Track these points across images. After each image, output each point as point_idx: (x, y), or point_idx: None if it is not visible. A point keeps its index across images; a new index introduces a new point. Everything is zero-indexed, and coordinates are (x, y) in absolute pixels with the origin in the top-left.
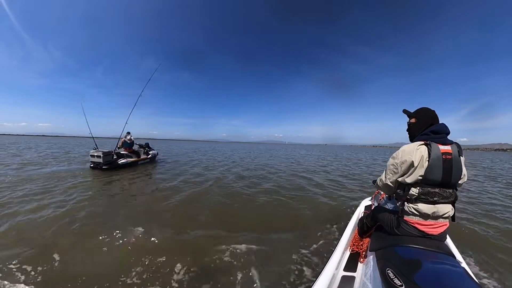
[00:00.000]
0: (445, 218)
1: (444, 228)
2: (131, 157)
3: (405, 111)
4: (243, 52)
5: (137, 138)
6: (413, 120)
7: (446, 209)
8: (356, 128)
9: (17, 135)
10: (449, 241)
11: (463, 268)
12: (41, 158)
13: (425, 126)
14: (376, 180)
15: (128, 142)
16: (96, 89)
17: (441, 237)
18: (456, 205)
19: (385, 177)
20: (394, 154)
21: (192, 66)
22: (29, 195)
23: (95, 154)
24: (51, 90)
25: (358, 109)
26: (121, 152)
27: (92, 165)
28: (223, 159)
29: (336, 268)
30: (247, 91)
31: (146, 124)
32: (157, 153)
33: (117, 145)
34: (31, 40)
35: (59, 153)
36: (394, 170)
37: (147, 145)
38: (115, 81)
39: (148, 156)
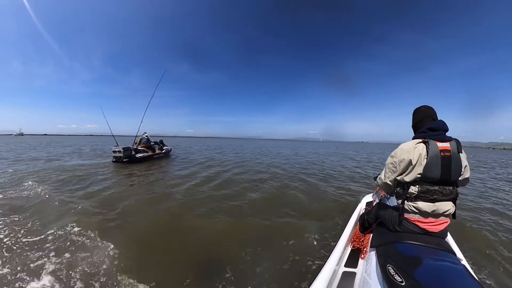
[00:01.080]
0: (446, 215)
1: (445, 225)
2: (147, 152)
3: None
4: (277, 51)
5: (175, 137)
6: (413, 119)
7: (447, 206)
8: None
9: (69, 135)
10: (449, 238)
11: (463, 265)
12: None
13: (422, 124)
14: (377, 176)
15: (146, 138)
16: (135, 92)
17: (442, 234)
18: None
19: (384, 176)
20: (392, 153)
21: (226, 66)
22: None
23: (116, 150)
24: (95, 96)
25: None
26: (139, 148)
27: (114, 160)
28: (224, 155)
29: (337, 264)
30: (284, 88)
31: (183, 124)
32: (171, 149)
33: (134, 142)
34: (74, 55)
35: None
36: (393, 169)
37: (161, 142)
38: (150, 85)
39: (162, 151)
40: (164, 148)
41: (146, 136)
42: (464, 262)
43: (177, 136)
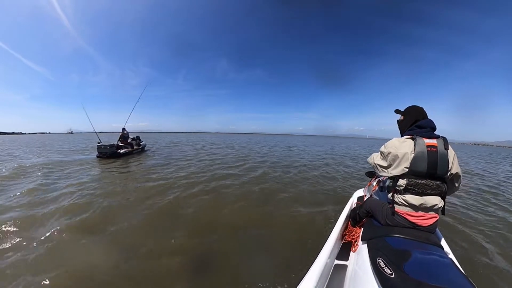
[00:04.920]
0: (435, 210)
1: (434, 220)
2: (127, 148)
3: (396, 111)
4: (314, 41)
5: (207, 133)
6: (401, 118)
7: (434, 201)
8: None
9: (119, 132)
10: (438, 233)
11: (450, 259)
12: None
13: (411, 122)
14: (369, 171)
15: (125, 136)
16: (179, 93)
17: (431, 229)
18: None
19: (375, 158)
20: (386, 143)
21: (264, 63)
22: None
23: (102, 146)
24: (145, 97)
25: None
26: (120, 144)
27: (98, 155)
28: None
29: (329, 257)
30: (323, 83)
31: (224, 120)
32: (146, 144)
33: (119, 139)
34: (126, 64)
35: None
36: (382, 156)
37: (138, 138)
38: (194, 85)
39: (140, 147)
40: (141, 143)
41: (126, 133)
42: (451, 256)
43: (219, 132)
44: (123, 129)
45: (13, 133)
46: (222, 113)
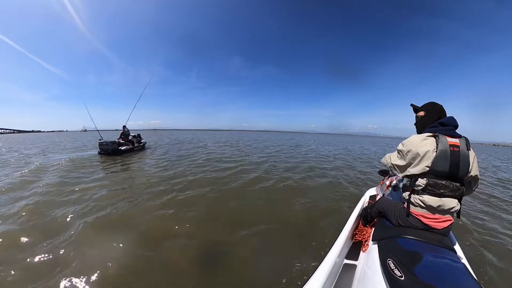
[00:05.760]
0: (451, 213)
1: (449, 223)
2: (128, 145)
3: (412, 105)
4: (326, 34)
5: (219, 130)
6: (421, 114)
7: (452, 203)
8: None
9: (135, 130)
10: (451, 236)
11: (463, 264)
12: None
13: (433, 119)
14: (382, 170)
15: (126, 133)
16: (192, 91)
17: (445, 231)
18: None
19: (391, 158)
20: (404, 141)
21: (276, 58)
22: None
23: (103, 143)
24: (159, 96)
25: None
26: (121, 141)
27: (100, 152)
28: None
29: (338, 256)
30: (336, 79)
31: (236, 117)
32: (146, 142)
33: (120, 136)
34: (139, 64)
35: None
36: (400, 156)
37: (138, 135)
38: (208, 82)
39: (140, 144)
40: (142, 141)
41: (127, 130)
42: (464, 260)
43: (232, 129)
44: (124, 126)
45: (32, 131)
46: (234, 110)
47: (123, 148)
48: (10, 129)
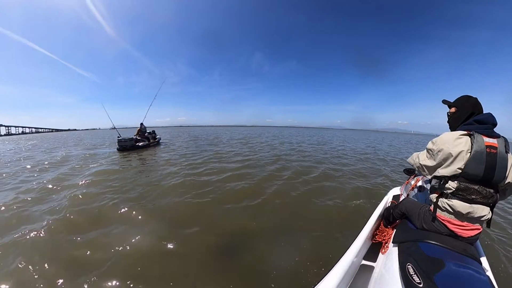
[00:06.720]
0: (481, 221)
1: (477, 232)
2: (145, 141)
3: (444, 101)
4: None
5: (242, 126)
6: (453, 110)
7: (483, 211)
8: None
9: (163, 127)
10: (478, 245)
11: (488, 276)
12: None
13: (466, 115)
14: (408, 168)
15: (142, 130)
16: (216, 88)
17: (471, 240)
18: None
19: (420, 157)
20: (434, 139)
21: (299, 52)
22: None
23: (122, 139)
24: (183, 94)
25: None
26: (137, 138)
27: (119, 148)
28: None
29: (356, 256)
30: (363, 72)
31: (260, 113)
32: (160, 138)
33: (137, 133)
34: (164, 64)
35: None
36: (429, 155)
37: (153, 132)
38: (231, 79)
39: (156, 140)
40: (157, 137)
41: (143, 127)
42: (489, 273)
43: (255, 125)
44: (141, 124)
45: (68, 129)
46: (258, 106)
47: (140, 144)
48: (48, 128)
